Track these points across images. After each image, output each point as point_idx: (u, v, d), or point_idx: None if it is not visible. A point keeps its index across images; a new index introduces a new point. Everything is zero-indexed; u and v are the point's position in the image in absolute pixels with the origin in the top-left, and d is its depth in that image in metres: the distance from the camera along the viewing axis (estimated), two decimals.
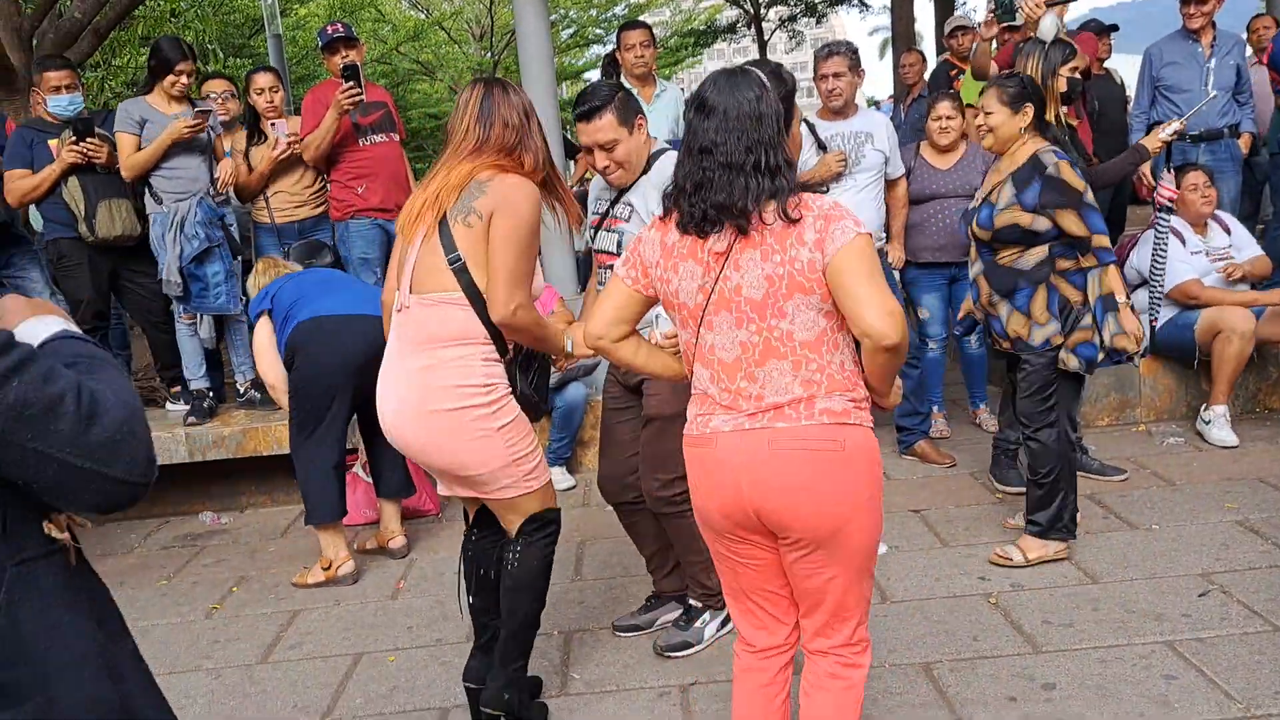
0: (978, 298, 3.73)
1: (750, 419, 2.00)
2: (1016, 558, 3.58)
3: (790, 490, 1.97)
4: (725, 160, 1.95)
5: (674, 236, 2.04)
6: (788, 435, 1.96)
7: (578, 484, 4.92)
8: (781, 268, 1.93)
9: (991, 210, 3.54)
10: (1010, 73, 3.89)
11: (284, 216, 5.18)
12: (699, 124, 2.00)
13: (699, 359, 2.07)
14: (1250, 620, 3.08)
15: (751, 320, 1.97)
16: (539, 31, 5.17)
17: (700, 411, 2.08)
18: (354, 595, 3.88)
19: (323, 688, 3.18)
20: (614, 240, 3.06)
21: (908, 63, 7.86)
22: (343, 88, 4.80)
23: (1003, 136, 3.55)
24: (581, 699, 2.99)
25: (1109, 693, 2.77)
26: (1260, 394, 5.15)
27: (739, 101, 1.97)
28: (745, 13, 22.99)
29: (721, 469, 2.03)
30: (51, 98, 4.80)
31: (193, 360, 5.01)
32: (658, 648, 3.23)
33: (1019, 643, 3.07)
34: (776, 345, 1.97)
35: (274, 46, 9.40)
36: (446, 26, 21.84)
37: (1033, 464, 3.63)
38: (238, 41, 15.14)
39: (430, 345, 2.53)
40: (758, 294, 1.95)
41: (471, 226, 2.48)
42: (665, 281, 2.05)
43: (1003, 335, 3.65)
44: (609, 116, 2.86)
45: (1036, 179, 3.45)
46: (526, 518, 2.71)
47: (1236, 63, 5.60)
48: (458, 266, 2.49)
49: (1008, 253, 3.57)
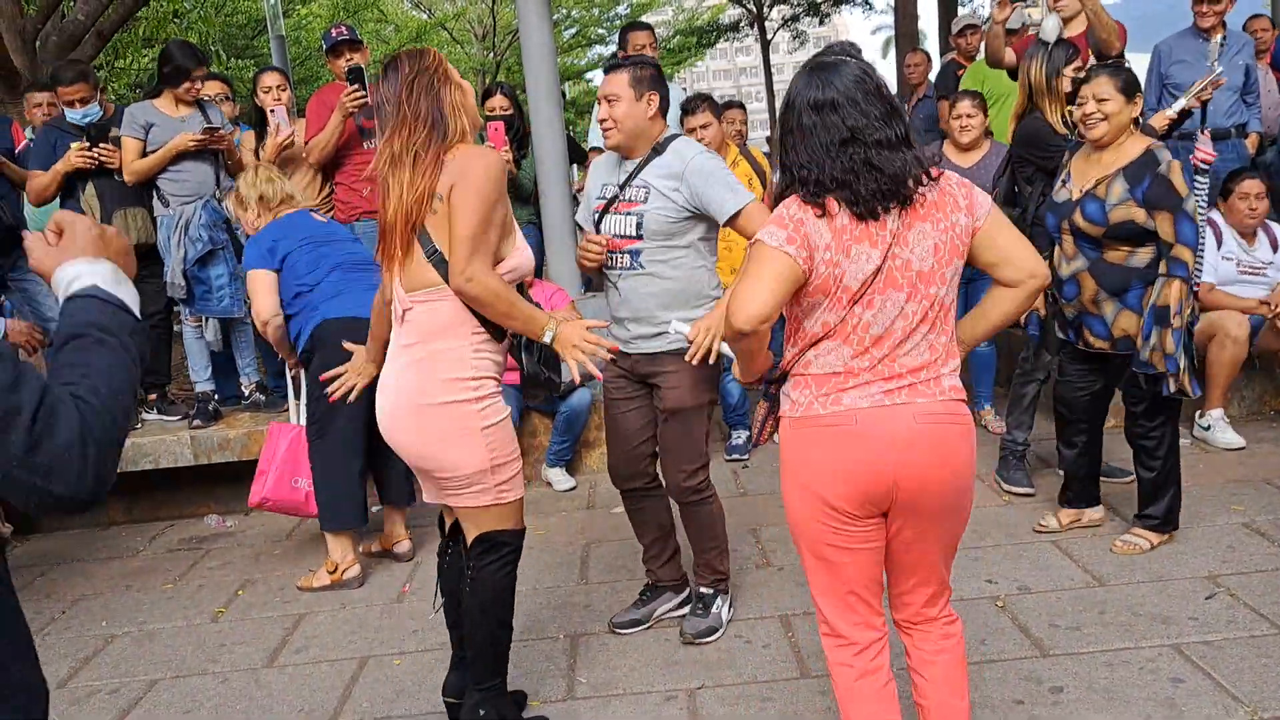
0: (1074, 296, 3.61)
1: (888, 395, 2.03)
2: (1144, 545, 3.64)
3: (932, 464, 2.03)
4: (878, 139, 1.98)
5: (843, 220, 2.00)
6: (927, 410, 2.04)
7: (580, 486, 4.92)
8: (945, 234, 2.02)
9: (1101, 205, 3.44)
10: (1115, 60, 3.85)
11: None
12: (826, 119, 1.99)
13: (839, 337, 2.05)
14: (1258, 623, 3.07)
15: (918, 290, 2.02)
16: (541, 31, 5.18)
17: (824, 391, 2.06)
18: (360, 599, 3.88)
19: (329, 691, 3.18)
20: (633, 223, 3.09)
21: (912, 63, 7.86)
22: (347, 90, 4.80)
23: (1118, 125, 3.43)
24: (588, 703, 2.99)
25: (1116, 696, 2.76)
26: (1266, 396, 5.14)
27: (857, 83, 2.00)
28: (748, 12, 22.98)
29: (861, 444, 2.02)
30: (68, 110, 4.89)
31: (198, 363, 5.02)
32: (686, 635, 3.26)
33: (1026, 646, 3.07)
34: (932, 313, 2.05)
35: (277, 48, 9.41)
36: (449, 27, 21.88)
37: (1147, 460, 3.64)
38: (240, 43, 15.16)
39: (422, 339, 2.51)
40: (926, 265, 2.02)
41: (437, 212, 2.44)
42: (834, 264, 2.00)
43: (1104, 336, 3.57)
44: (624, 75, 3.07)
45: (1147, 175, 3.37)
46: (477, 535, 2.61)
47: (1245, 62, 5.59)
48: (436, 258, 2.47)
49: (1118, 250, 3.48)
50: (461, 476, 2.52)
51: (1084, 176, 3.54)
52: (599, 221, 3.17)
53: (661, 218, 3.04)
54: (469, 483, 2.53)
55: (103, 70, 12.90)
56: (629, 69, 3.08)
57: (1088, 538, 3.81)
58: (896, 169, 1.98)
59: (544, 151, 5.24)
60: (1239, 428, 4.78)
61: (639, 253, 3.08)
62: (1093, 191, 3.47)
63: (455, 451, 2.50)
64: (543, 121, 5.21)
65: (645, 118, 3.07)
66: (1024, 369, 4.33)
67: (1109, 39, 4.76)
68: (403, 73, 2.46)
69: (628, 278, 3.11)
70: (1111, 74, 3.47)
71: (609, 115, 3.07)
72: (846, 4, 22.58)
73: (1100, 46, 4.81)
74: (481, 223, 2.42)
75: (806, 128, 2.01)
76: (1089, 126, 3.47)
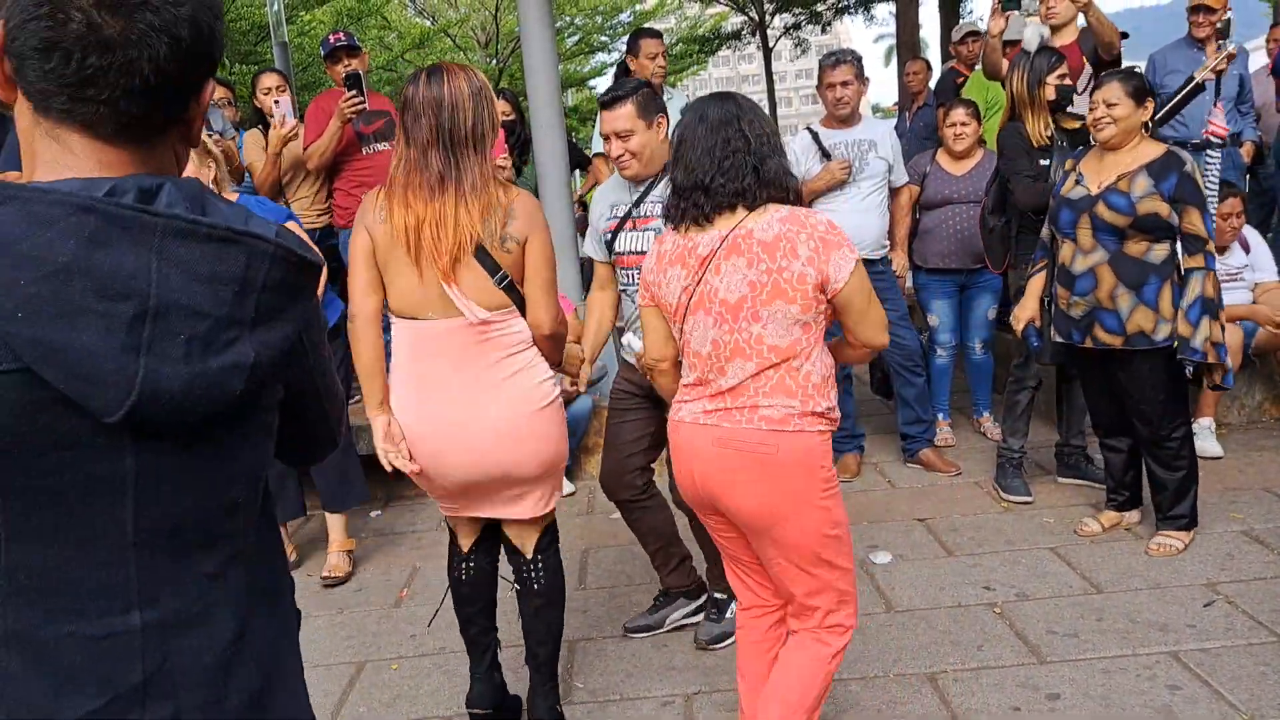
0: (1089, 290, 3.61)
1: (705, 415, 2.23)
2: (1179, 545, 3.66)
3: (726, 487, 2.22)
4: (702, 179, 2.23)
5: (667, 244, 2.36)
6: (731, 436, 2.19)
7: (579, 491, 4.92)
8: (767, 276, 2.12)
9: (1126, 198, 3.48)
10: (1130, 69, 3.92)
11: (306, 224, 5.20)
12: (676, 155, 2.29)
13: (685, 353, 2.31)
14: (1255, 631, 3.07)
15: (725, 320, 2.18)
16: (543, 39, 5.19)
17: (678, 399, 2.34)
18: (357, 604, 3.88)
19: (325, 696, 3.18)
20: (650, 238, 3.08)
21: (912, 71, 7.87)
22: (345, 96, 4.81)
23: (1127, 128, 3.54)
24: (585, 708, 2.99)
25: (1113, 703, 2.76)
26: (1266, 404, 5.14)
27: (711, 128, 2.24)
28: (750, 20, 23.02)
29: (678, 454, 2.32)
30: None
31: None
32: (700, 641, 3.28)
33: (1023, 653, 3.07)
34: (751, 349, 2.17)
35: (280, 54, 9.40)
36: (452, 34, 21.89)
37: (1172, 462, 3.65)
38: (244, 48, 15.18)
39: (507, 353, 2.51)
40: (733, 297, 2.16)
41: (510, 252, 2.46)
42: (655, 285, 2.37)
43: (1117, 331, 3.58)
44: (629, 107, 2.98)
45: (1173, 173, 3.46)
46: (543, 528, 2.73)
47: (1239, 73, 5.60)
48: (506, 284, 2.47)
49: (1139, 244, 3.53)
50: (545, 479, 2.62)
51: (1100, 174, 3.60)
52: (612, 241, 3.16)
53: None
54: (544, 486, 2.64)
55: None
56: (631, 99, 2.99)
57: (1087, 545, 3.80)
58: (715, 203, 2.19)
59: (545, 159, 5.25)
60: (1239, 435, 4.79)
61: None
62: (1114, 186, 3.53)
63: (559, 447, 2.61)
64: (544, 128, 5.22)
65: (658, 142, 3.05)
66: (1016, 377, 4.34)
67: (1111, 41, 4.80)
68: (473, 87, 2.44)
69: None
70: (1122, 80, 3.56)
71: (625, 150, 3.01)
72: (848, 13, 22.62)
73: (1101, 50, 4.83)
74: (554, 269, 2.57)
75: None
76: (1099, 129, 3.58)
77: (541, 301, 2.50)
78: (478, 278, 2.44)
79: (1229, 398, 5.03)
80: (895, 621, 3.33)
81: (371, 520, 4.84)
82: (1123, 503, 3.93)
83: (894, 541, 3.96)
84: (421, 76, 2.44)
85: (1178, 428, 3.63)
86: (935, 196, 4.96)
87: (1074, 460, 4.45)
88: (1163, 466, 3.68)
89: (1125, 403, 3.69)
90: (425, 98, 2.40)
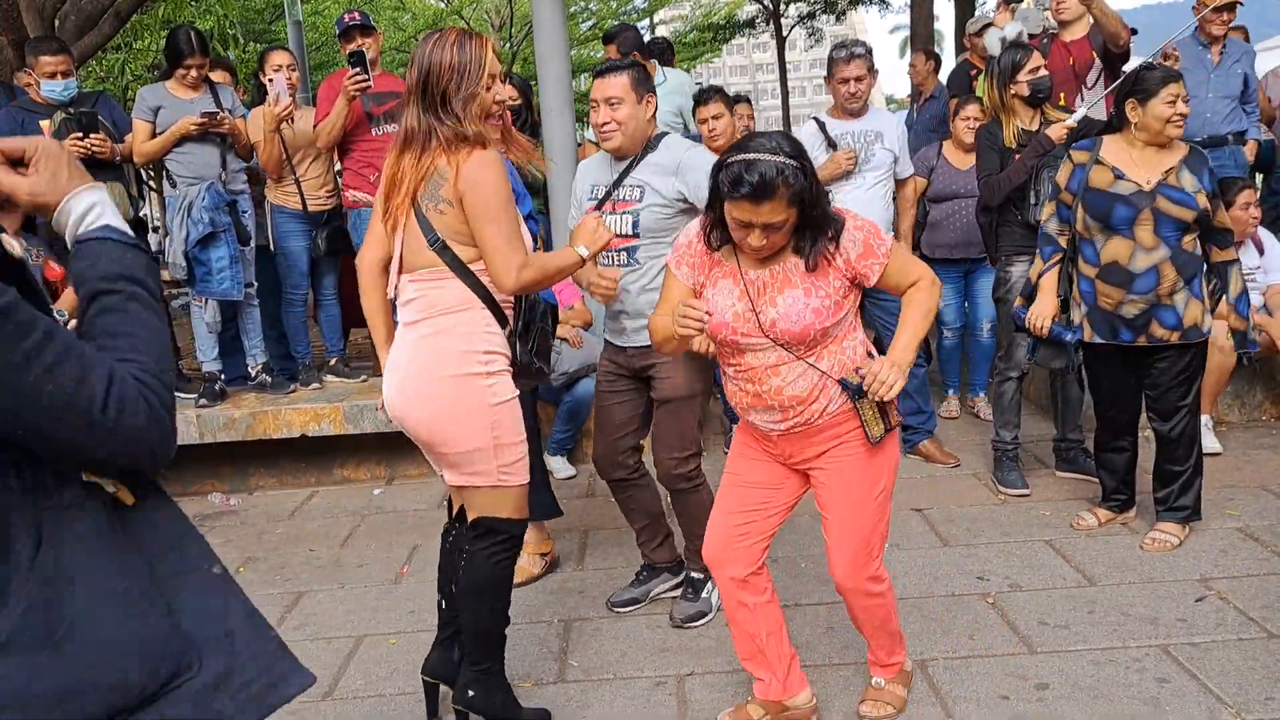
0: (1150, 288, 3.51)
1: None
2: (1174, 540, 3.68)
3: None
4: None
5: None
6: None
7: (580, 474, 4.96)
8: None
9: (1183, 192, 3.47)
10: (1166, 66, 4.00)
11: (317, 204, 5.23)
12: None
13: None
14: (1246, 626, 3.09)
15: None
16: (555, 22, 5.19)
17: None
18: (358, 579, 3.92)
19: (324, 669, 3.22)
20: (629, 222, 3.14)
21: (912, 64, 7.86)
22: (349, 74, 4.82)
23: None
24: (579, 686, 3.03)
25: (1101, 694, 2.79)
26: (1265, 403, 5.15)
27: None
28: (764, 8, 22.93)
29: None
30: (46, 82, 4.84)
31: (205, 343, 5.06)
32: (675, 619, 3.32)
33: (1014, 642, 3.10)
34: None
35: (294, 32, 9.41)
36: (466, 16, 21.86)
37: (1181, 454, 3.67)
38: (258, 27, 15.20)
39: (432, 314, 2.54)
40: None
41: (444, 214, 2.49)
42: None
43: (1174, 326, 3.54)
44: (624, 78, 3.08)
45: (1204, 168, 3.51)
46: (475, 517, 2.64)
47: (1244, 71, 5.61)
48: (438, 246, 2.51)
49: (1190, 237, 3.54)
50: (464, 452, 2.54)
51: (1142, 169, 3.53)
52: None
53: (657, 214, 3.11)
54: (470, 460, 2.55)
55: (121, 51, 12.97)
56: (629, 71, 3.09)
57: (1082, 538, 3.83)
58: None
59: (553, 142, 5.26)
60: (1238, 433, 4.80)
61: (635, 250, 3.15)
62: (1165, 181, 3.50)
63: (461, 425, 2.52)
64: (553, 112, 5.23)
65: (646, 119, 3.12)
66: (999, 369, 4.37)
67: (1116, 32, 4.80)
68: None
69: (624, 275, 3.16)
70: (1181, 79, 3.56)
71: (612, 118, 3.07)
72: (863, 3, 22.53)
73: (1109, 42, 4.84)
74: (506, 219, 2.48)
75: None
76: (1177, 126, 3.51)
77: (492, 260, 2.48)
78: (414, 238, 2.55)
79: (1229, 397, 5.04)
80: None
81: (374, 498, 4.89)
82: (1123, 503, 3.95)
83: (891, 530, 3.97)
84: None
85: (1195, 419, 3.67)
86: (943, 190, 5.01)
87: (1072, 454, 4.47)
88: (1175, 460, 3.70)
89: (1148, 397, 3.71)
90: (414, 55, 2.52)
